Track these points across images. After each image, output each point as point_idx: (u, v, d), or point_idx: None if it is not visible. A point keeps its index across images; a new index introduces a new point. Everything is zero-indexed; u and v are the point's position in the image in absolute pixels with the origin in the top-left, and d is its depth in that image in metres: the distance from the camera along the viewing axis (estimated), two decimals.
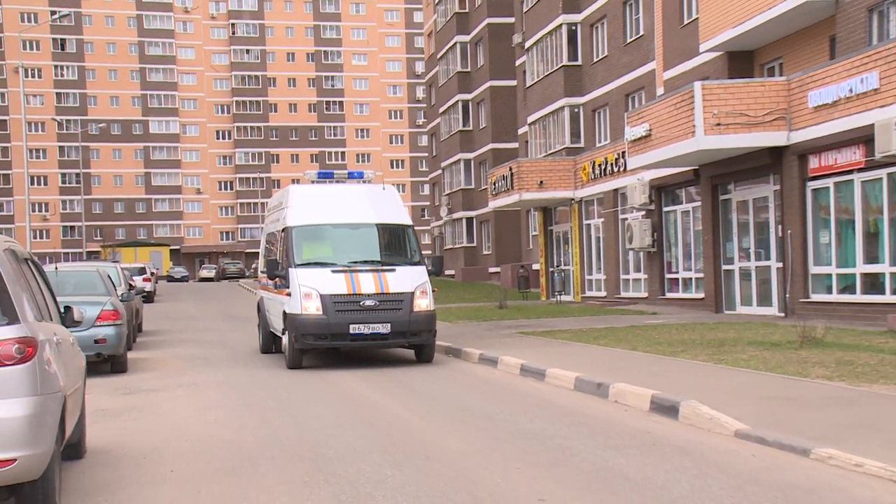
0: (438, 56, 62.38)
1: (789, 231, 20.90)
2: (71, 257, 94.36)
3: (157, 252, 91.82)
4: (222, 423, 10.14)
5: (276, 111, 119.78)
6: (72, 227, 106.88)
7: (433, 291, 15.84)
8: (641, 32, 31.74)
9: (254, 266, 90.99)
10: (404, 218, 16.71)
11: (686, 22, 27.93)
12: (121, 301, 17.31)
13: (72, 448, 8.10)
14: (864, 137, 18.13)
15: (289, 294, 15.30)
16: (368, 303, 14.82)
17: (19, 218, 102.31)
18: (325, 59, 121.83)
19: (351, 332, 14.74)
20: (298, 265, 15.43)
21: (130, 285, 24.22)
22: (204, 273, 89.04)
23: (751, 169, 22.26)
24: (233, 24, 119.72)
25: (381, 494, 6.70)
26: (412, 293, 15.15)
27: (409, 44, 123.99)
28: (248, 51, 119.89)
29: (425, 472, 7.41)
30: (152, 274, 48.56)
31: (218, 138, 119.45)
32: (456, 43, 57.54)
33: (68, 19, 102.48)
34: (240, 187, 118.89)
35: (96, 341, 15.10)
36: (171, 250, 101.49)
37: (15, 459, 5.71)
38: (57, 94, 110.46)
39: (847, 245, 19.58)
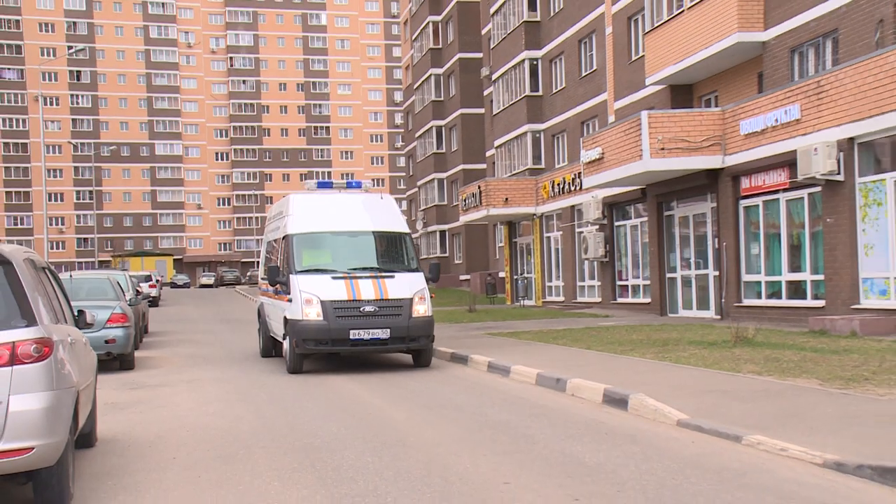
0: (415, 87, 62.42)
1: (724, 243, 21.04)
2: (84, 266, 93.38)
3: (161, 261, 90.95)
4: (220, 416, 10.06)
5: (269, 135, 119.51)
6: (85, 239, 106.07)
7: (431, 297, 14.67)
8: (595, 67, 31.94)
9: (249, 273, 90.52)
10: (402, 226, 15.40)
11: (634, 59, 28.13)
12: (129, 305, 17.13)
13: (84, 437, 8.02)
14: (789, 161, 18.32)
15: (290, 300, 14.13)
16: (368, 308, 13.64)
17: (38, 231, 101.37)
18: (314, 88, 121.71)
19: (351, 337, 13.57)
20: (299, 272, 14.24)
21: (137, 291, 23.97)
22: (204, 280, 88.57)
23: (691, 188, 22.40)
24: (231, 58, 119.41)
25: (362, 478, 6.67)
26: (411, 299, 13.94)
27: (389, 76, 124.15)
28: (244, 81, 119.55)
29: (402, 458, 7.37)
30: (157, 281, 48.10)
31: (217, 159, 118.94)
32: (430, 75, 57.61)
33: (83, 53, 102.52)
34: (236, 203, 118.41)
35: (107, 341, 15.01)
36: (174, 260, 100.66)
37: (33, 448, 5.66)
38: (73, 119, 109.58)
39: (774, 256, 19.75)
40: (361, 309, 13.65)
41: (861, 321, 15.27)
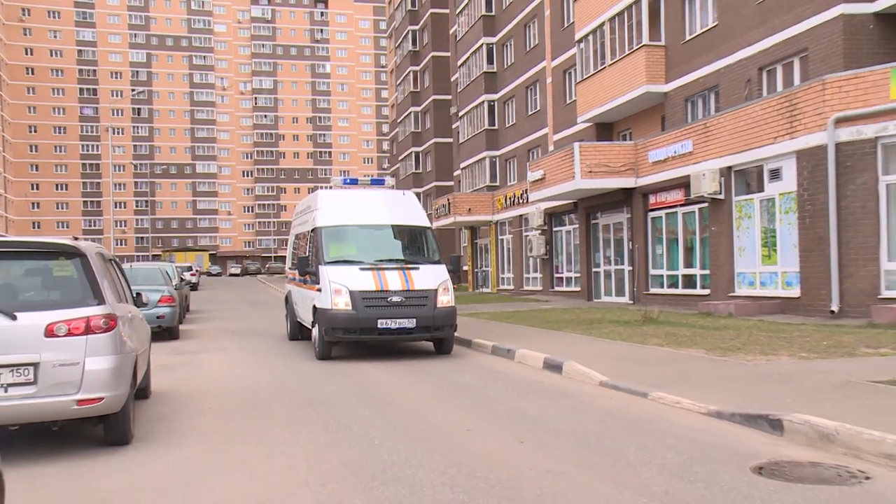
0: (398, 121, 62.25)
1: (636, 245, 21.24)
2: (141, 258, 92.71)
3: (200, 255, 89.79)
4: (245, 376, 9.97)
5: (284, 158, 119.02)
6: (142, 238, 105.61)
7: (454, 288, 12.42)
8: (538, 108, 32.08)
9: (268, 265, 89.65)
10: (424, 220, 12.97)
11: (568, 102, 28.29)
12: (175, 289, 17.00)
13: (141, 391, 7.97)
14: (684, 183, 18.54)
15: (319, 289, 11.80)
16: (395, 299, 11.31)
17: (106, 231, 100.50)
18: (319, 122, 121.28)
19: (379, 326, 11.25)
20: (328, 262, 11.84)
21: (181, 278, 23.71)
22: (232, 270, 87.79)
23: (612, 202, 22.59)
24: (255, 98, 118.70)
25: (356, 426, 6.66)
26: (435, 290, 11.60)
27: (378, 112, 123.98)
28: (265, 116, 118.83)
29: (388, 412, 7.35)
30: (196, 271, 47.67)
31: (243, 176, 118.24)
32: (410, 112, 57.49)
33: (143, 94, 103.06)
34: (258, 211, 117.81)
35: (158, 317, 14.89)
36: (209, 254, 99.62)
37: (103, 398, 5.68)
38: (134, 145, 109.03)
39: (673, 255, 19.97)
40: (389, 299, 11.35)
41: (736, 305, 15.50)
